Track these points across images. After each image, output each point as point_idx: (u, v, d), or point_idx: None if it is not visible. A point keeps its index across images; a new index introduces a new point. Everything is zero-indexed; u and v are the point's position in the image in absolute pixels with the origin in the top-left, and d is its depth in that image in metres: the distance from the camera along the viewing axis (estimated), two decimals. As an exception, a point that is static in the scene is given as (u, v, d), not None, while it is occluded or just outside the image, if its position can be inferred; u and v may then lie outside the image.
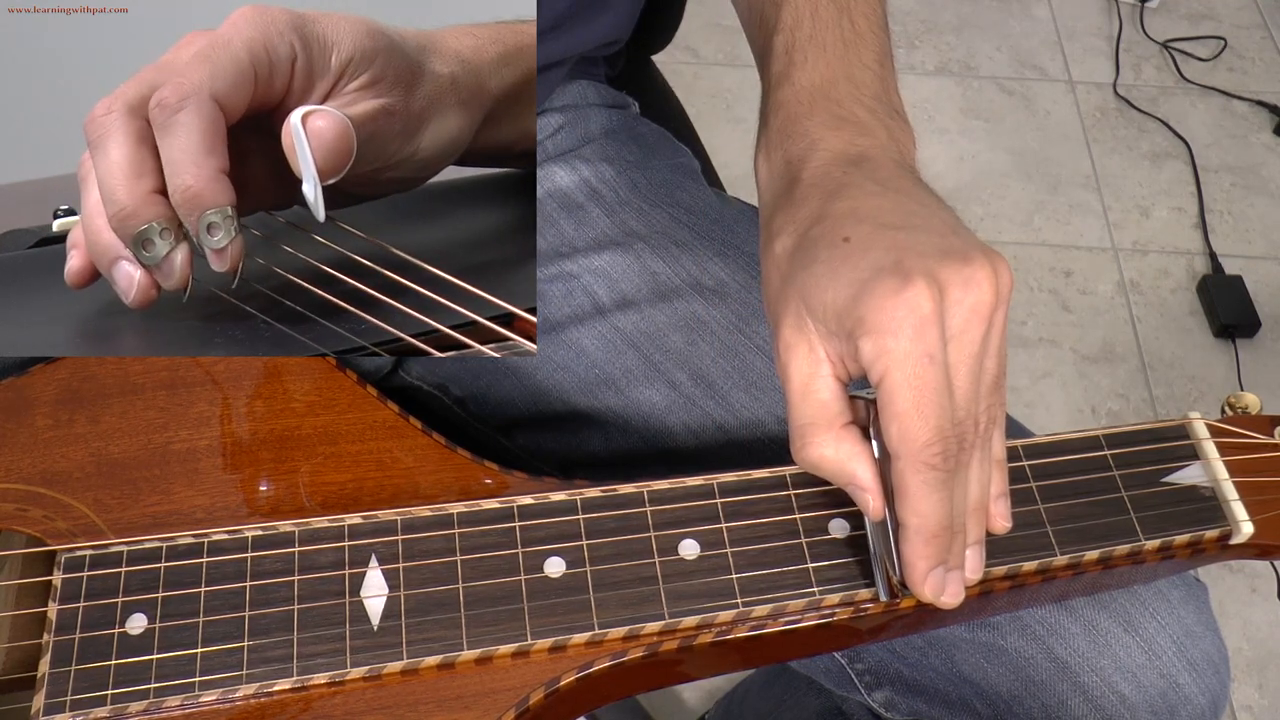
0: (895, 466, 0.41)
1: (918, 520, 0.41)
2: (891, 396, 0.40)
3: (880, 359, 0.39)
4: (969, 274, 0.40)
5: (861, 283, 0.40)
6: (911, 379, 0.39)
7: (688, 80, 1.80)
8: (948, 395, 0.40)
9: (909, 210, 0.43)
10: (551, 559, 0.46)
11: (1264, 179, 1.71)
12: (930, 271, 0.40)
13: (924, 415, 0.39)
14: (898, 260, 0.40)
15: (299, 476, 0.49)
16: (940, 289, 0.39)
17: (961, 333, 0.40)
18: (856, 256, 0.41)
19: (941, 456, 0.40)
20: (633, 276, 0.63)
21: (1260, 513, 0.48)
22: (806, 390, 0.42)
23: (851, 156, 0.46)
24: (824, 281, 0.41)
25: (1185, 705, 0.54)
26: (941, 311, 0.39)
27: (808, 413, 0.42)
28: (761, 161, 0.50)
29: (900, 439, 0.40)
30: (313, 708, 0.43)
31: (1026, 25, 1.93)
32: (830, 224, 0.43)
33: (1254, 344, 1.51)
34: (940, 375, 0.40)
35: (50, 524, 0.47)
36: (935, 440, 0.40)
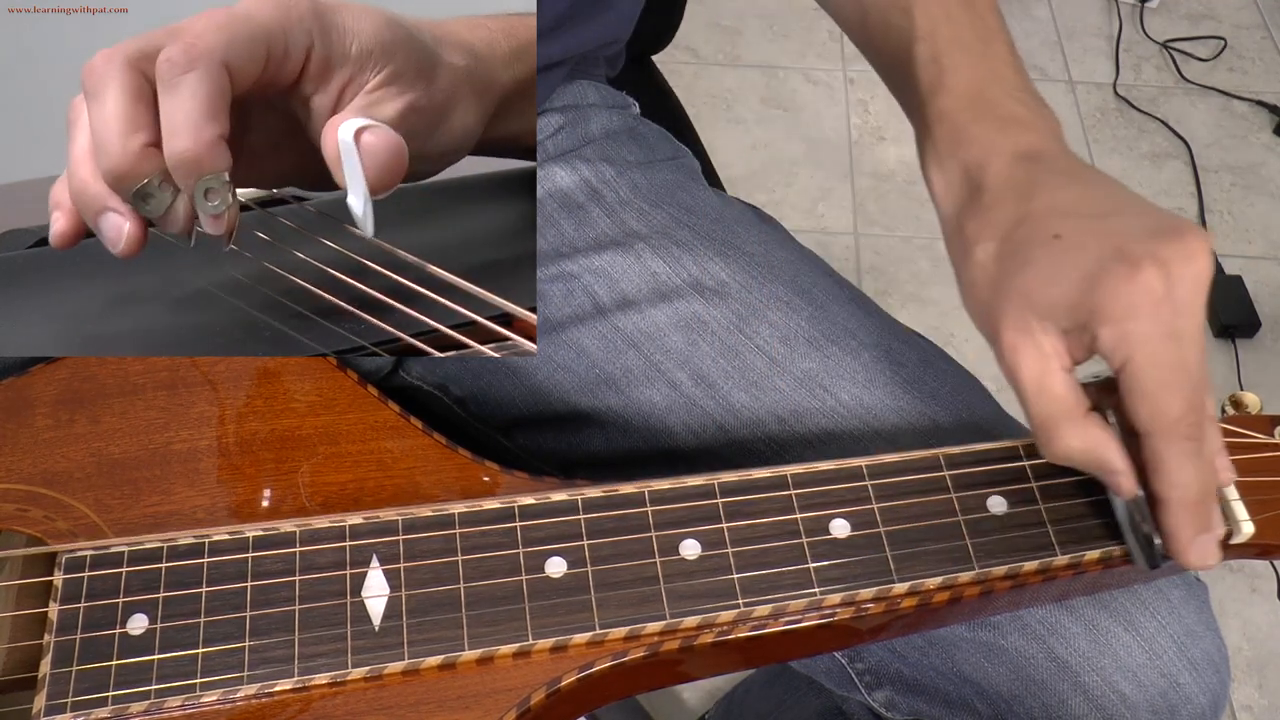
0: (1149, 444, 0.42)
1: (1179, 492, 0.42)
2: (1138, 378, 0.41)
3: (1122, 344, 0.42)
4: (1187, 248, 0.42)
5: (1090, 275, 0.42)
6: (1157, 359, 0.41)
7: (688, 80, 1.81)
8: (1187, 367, 0.42)
9: (1103, 197, 0.46)
10: (553, 559, 0.46)
11: (1264, 179, 1.71)
12: (1153, 254, 0.41)
13: (1173, 391, 0.41)
14: (1118, 248, 0.42)
15: (300, 477, 0.49)
16: (1165, 267, 0.41)
17: (1188, 305, 0.42)
18: (1075, 251, 0.43)
19: (1196, 427, 0.42)
20: (633, 276, 0.63)
21: (1260, 512, 0.48)
22: (1042, 386, 0.44)
23: (1028, 154, 0.48)
24: (1047, 279, 0.43)
25: (1186, 705, 0.54)
26: (1170, 288, 0.41)
27: (1049, 408, 0.44)
28: (935, 172, 0.51)
29: (1153, 417, 0.42)
30: (314, 708, 0.43)
31: (1026, 25, 1.93)
32: (1035, 224, 0.45)
33: (1254, 344, 1.51)
34: (1179, 350, 0.41)
35: (51, 524, 0.47)
36: (1187, 413, 0.42)
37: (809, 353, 0.60)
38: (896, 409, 0.59)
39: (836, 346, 0.60)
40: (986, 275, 0.46)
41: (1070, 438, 0.44)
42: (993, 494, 0.48)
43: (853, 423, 0.58)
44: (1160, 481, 0.43)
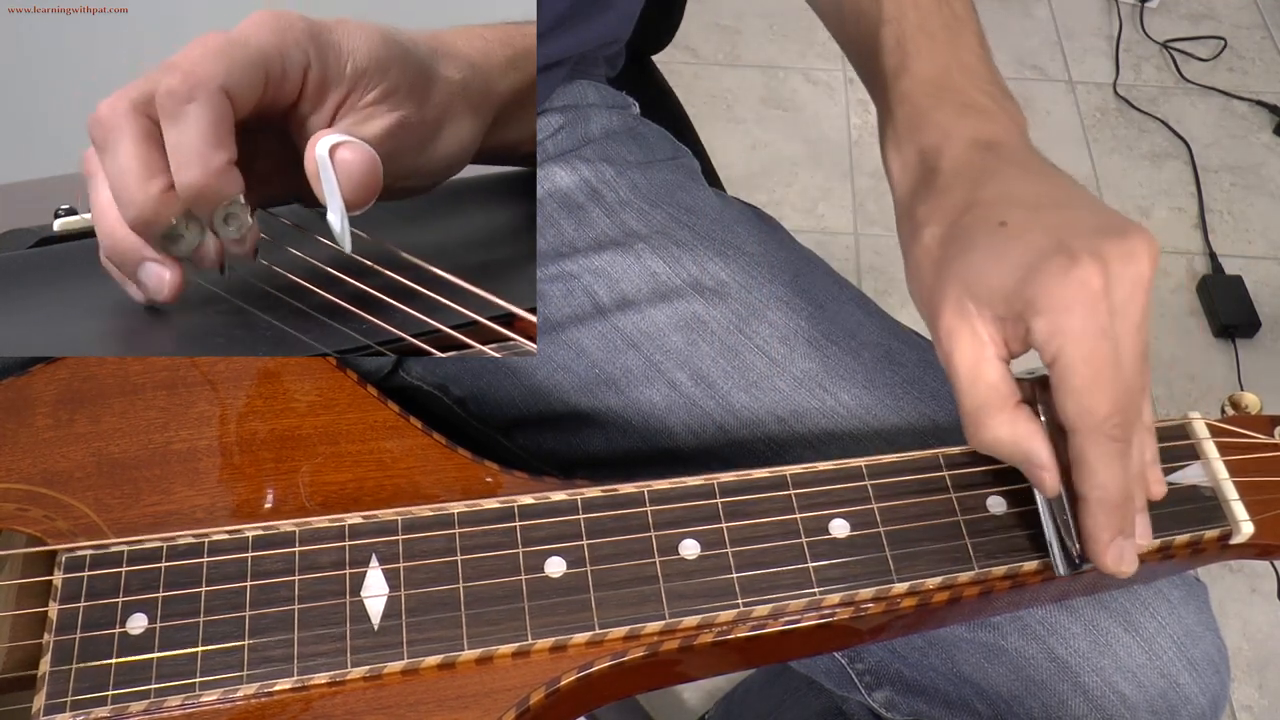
0: (1074, 441, 0.42)
1: (1100, 492, 0.42)
2: (1068, 373, 0.41)
3: (1054, 338, 0.41)
4: (1129, 248, 0.41)
5: (1028, 265, 0.42)
6: (1088, 355, 0.41)
7: (688, 80, 1.81)
8: (1119, 367, 0.41)
9: (1054, 190, 0.46)
10: (552, 559, 0.46)
11: (1264, 179, 1.71)
12: (1094, 249, 0.41)
13: (1102, 389, 0.41)
14: (1060, 240, 0.42)
15: (299, 476, 0.49)
16: (1105, 265, 0.41)
17: (1126, 305, 0.41)
18: (1017, 240, 0.43)
19: (1121, 428, 0.41)
20: (633, 276, 0.63)
21: (1260, 512, 0.48)
22: (976, 374, 0.43)
23: (985, 143, 0.48)
24: (988, 266, 0.43)
25: (1185, 705, 0.54)
26: (1108, 287, 0.41)
27: (980, 396, 0.43)
28: (892, 154, 0.51)
29: (1079, 414, 0.41)
30: (313, 708, 0.43)
31: (1026, 25, 1.93)
32: (983, 210, 0.45)
33: (1254, 344, 1.51)
34: (1112, 349, 0.41)
35: (51, 524, 0.47)
36: (1114, 413, 0.41)
37: (809, 353, 0.60)
38: (896, 409, 0.59)
39: (836, 346, 0.60)
40: (930, 258, 0.46)
41: (998, 427, 0.43)
42: (992, 494, 0.48)
43: (852, 423, 0.58)
44: (1082, 480, 0.42)
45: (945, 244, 0.45)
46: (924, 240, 0.46)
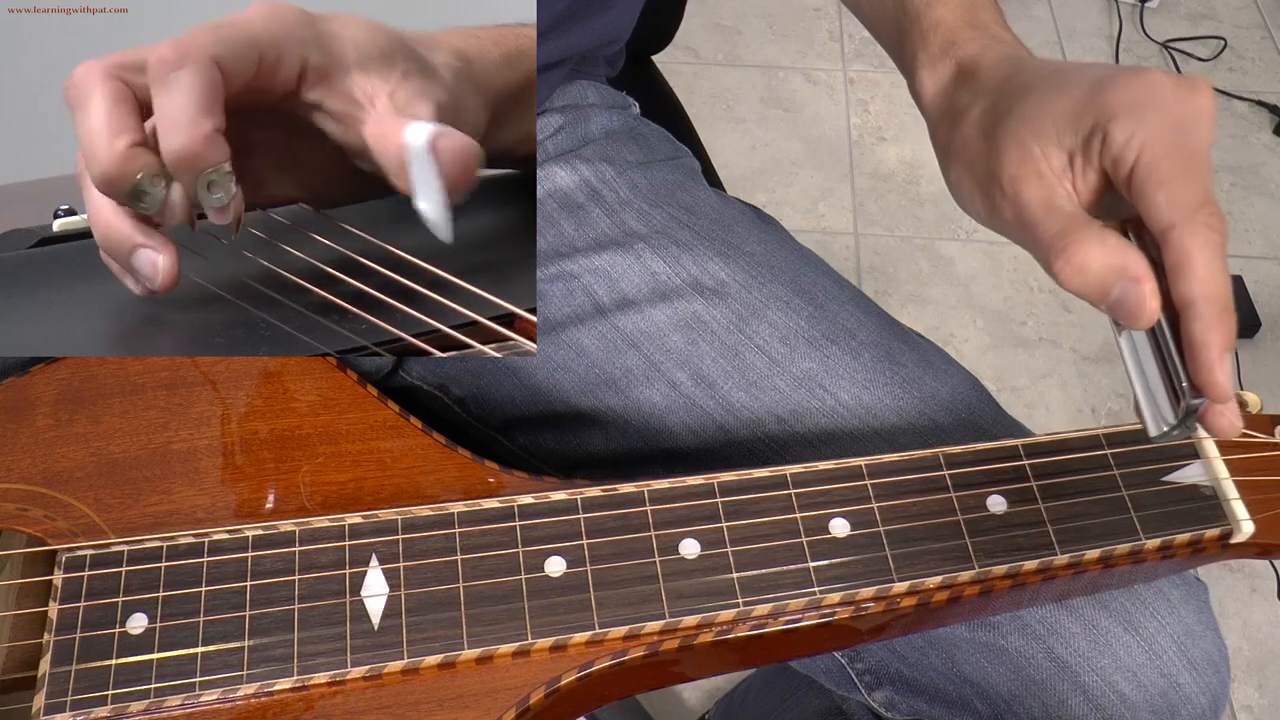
0: (1172, 239, 0.39)
1: (1206, 288, 0.39)
2: (1156, 165, 0.40)
3: (1135, 136, 0.40)
4: (1191, 82, 0.42)
5: (1096, 80, 0.42)
6: (1170, 146, 0.40)
7: (688, 80, 1.81)
8: (1203, 161, 0.40)
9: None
10: (552, 558, 0.46)
11: (1264, 179, 1.71)
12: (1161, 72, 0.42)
13: (1193, 176, 0.40)
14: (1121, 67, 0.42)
15: (299, 476, 0.49)
16: (1172, 81, 0.41)
17: (1194, 124, 0.41)
18: (1075, 72, 0.44)
19: (1217, 218, 0.40)
20: (633, 276, 0.63)
21: (1261, 511, 0.48)
22: (1050, 206, 0.42)
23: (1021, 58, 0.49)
24: (1050, 96, 0.43)
25: (1185, 705, 0.54)
26: (1178, 97, 0.41)
27: (1060, 221, 0.42)
28: (926, 73, 0.52)
29: (1173, 205, 0.39)
30: (313, 707, 0.43)
31: (1026, 25, 1.93)
32: (1032, 73, 0.46)
33: (1254, 344, 1.51)
34: (1194, 142, 0.40)
35: (51, 524, 0.47)
36: (1207, 201, 0.40)
37: (809, 353, 0.60)
38: (896, 409, 0.59)
39: (836, 346, 0.60)
40: (980, 130, 0.46)
41: (1086, 243, 0.40)
42: (992, 493, 0.48)
43: (852, 423, 0.58)
44: (1186, 281, 0.39)
45: (995, 109, 0.46)
46: (971, 118, 0.47)
